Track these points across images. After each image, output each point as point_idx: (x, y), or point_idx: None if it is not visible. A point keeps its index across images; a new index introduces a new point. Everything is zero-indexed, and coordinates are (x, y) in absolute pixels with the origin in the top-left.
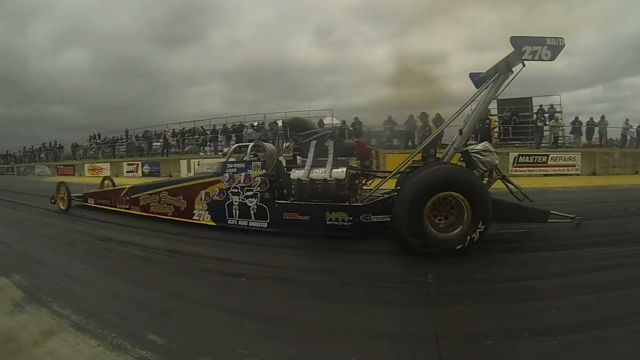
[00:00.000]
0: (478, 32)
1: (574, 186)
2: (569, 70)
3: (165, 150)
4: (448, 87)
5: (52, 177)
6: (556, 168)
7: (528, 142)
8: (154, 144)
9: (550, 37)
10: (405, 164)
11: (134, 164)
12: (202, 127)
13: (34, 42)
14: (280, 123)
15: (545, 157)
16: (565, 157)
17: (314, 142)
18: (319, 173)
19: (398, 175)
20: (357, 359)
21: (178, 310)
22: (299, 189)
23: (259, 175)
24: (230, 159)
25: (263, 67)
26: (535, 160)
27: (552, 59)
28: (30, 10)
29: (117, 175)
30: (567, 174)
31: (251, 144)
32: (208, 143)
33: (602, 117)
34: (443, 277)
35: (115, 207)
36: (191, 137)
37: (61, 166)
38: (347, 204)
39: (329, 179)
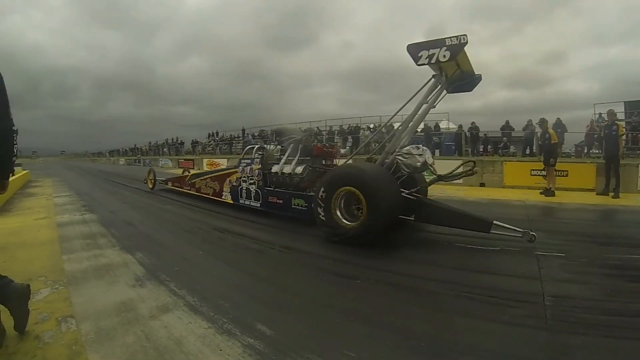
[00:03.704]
0: (600, 23)
1: None
2: None
3: None
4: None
5: (174, 169)
6: None
7: None
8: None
9: (450, 37)
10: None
11: None
12: (317, 127)
13: (159, 51)
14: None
15: None
16: None
17: (290, 145)
18: (288, 168)
19: None
20: None
21: (290, 305)
22: (274, 179)
23: (257, 169)
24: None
25: (377, 68)
26: None
27: (452, 58)
28: (155, 24)
29: None
30: None
31: (256, 146)
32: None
33: None
34: (562, 301)
35: (183, 188)
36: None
37: (182, 160)
38: (304, 193)
39: (286, 172)
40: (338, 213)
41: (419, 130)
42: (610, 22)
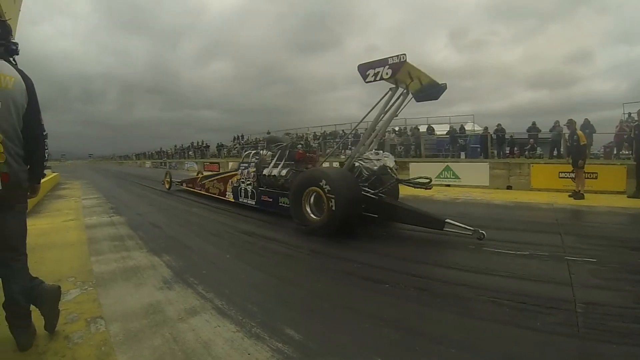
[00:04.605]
0: (626, 20)
1: None
2: None
3: None
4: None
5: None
6: None
7: None
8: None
9: (392, 57)
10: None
11: None
12: (343, 130)
13: (184, 57)
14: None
15: None
16: None
17: (278, 151)
18: (276, 171)
19: None
20: None
21: (318, 310)
22: (265, 180)
23: (253, 171)
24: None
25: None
26: None
27: (392, 75)
28: (179, 31)
29: None
30: None
31: (253, 152)
32: (349, 146)
33: None
34: (594, 308)
35: (195, 189)
36: (332, 140)
37: (207, 163)
38: (288, 192)
39: (274, 174)
40: (307, 209)
41: (444, 132)
42: (636, 19)
